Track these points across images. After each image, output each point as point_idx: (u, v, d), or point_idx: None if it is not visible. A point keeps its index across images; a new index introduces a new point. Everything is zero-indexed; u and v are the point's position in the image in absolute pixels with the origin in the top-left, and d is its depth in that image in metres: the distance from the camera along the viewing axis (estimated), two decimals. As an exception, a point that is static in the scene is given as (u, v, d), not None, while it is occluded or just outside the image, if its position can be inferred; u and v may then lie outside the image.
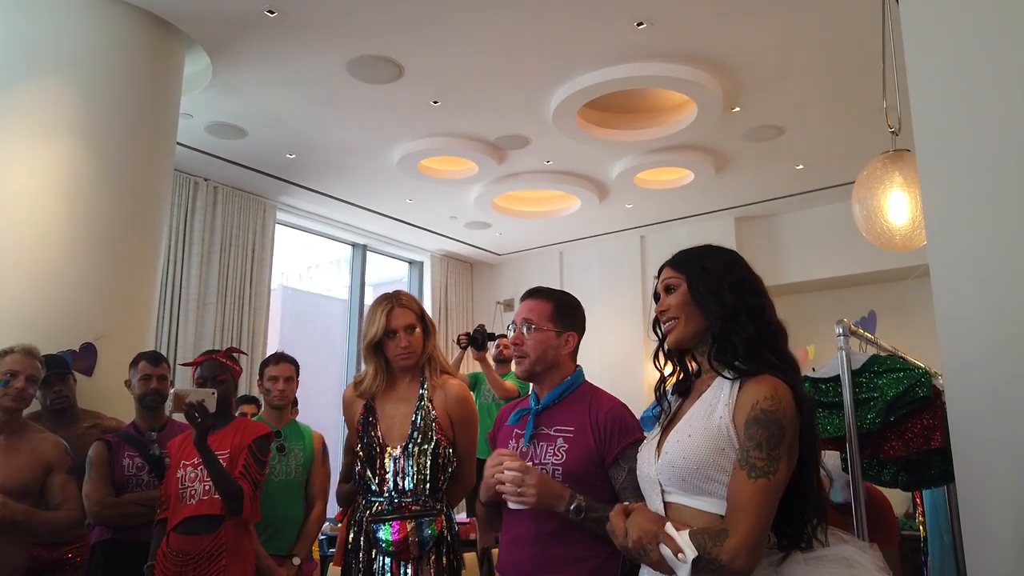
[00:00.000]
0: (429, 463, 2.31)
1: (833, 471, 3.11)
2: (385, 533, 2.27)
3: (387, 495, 2.32)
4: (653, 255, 7.89)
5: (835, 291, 7.33)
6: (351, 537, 2.36)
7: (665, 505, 1.50)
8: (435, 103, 5.15)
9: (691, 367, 1.66)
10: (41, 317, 3.44)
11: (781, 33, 4.32)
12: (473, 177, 6.37)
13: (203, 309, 6.16)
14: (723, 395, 1.49)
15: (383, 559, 2.28)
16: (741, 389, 1.47)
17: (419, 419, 2.36)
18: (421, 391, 2.40)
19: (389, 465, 2.33)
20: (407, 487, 2.31)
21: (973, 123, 1.99)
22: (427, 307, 8.22)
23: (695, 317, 1.57)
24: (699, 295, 1.57)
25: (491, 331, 4.83)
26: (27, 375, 2.68)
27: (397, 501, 2.30)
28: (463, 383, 2.54)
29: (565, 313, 2.12)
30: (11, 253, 3.49)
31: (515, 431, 2.08)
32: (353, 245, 8.14)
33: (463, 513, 5.37)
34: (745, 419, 1.42)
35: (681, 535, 1.38)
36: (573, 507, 1.80)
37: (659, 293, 1.66)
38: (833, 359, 2.48)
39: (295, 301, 9.93)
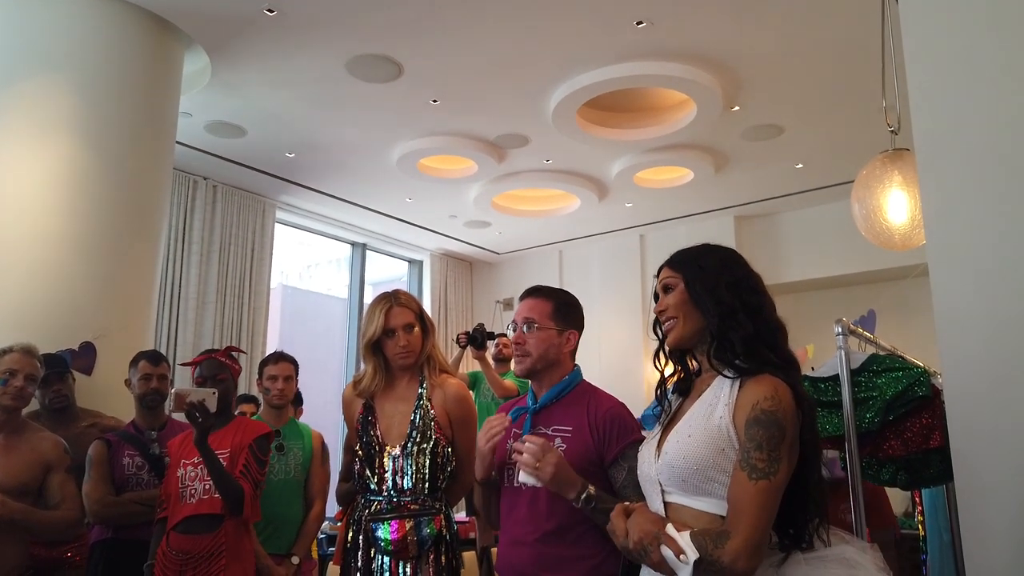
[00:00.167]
0: (428, 462, 2.31)
1: None
2: (384, 532, 2.27)
3: (386, 494, 2.32)
4: (652, 254, 7.89)
5: (834, 290, 7.33)
6: (350, 536, 2.36)
7: (665, 505, 1.50)
8: (434, 102, 5.14)
9: (692, 366, 1.66)
10: (40, 316, 3.44)
11: (781, 32, 4.31)
12: (472, 176, 6.37)
13: (202, 308, 6.16)
14: (723, 395, 1.48)
15: (382, 558, 2.28)
16: (741, 389, 1.46)
17: (418, 418, 2.36)
18: (420, 390, 2.40)
19: (388, 464, 2.33)
20: (406, 486, 2.31)
21: (972, 122, 1.99)
22: (426, 306, 8.23)
23: (693, 316, 1.57)
24: (696, 294, 1.57)
25: (490, 330, 4.83)
26: (26, 374, 2.68)
27: (396, 500, 2.30)
28: (462, 382, 2.54)
29: (566, 311, 2.12)
30: (10, 252, 3.49)
31: (513, 430, 2.08)
32: (353, 244, 8.14)
33: (462, 512, 5.37)
34: (745, 419, 1.42)
35: (682, 536, 1.37)
36: (584, 496, 1.77)
37: (658, 293, 1.66)
38: (832, 358, 2.49)
39: (295, 300, 9.93)
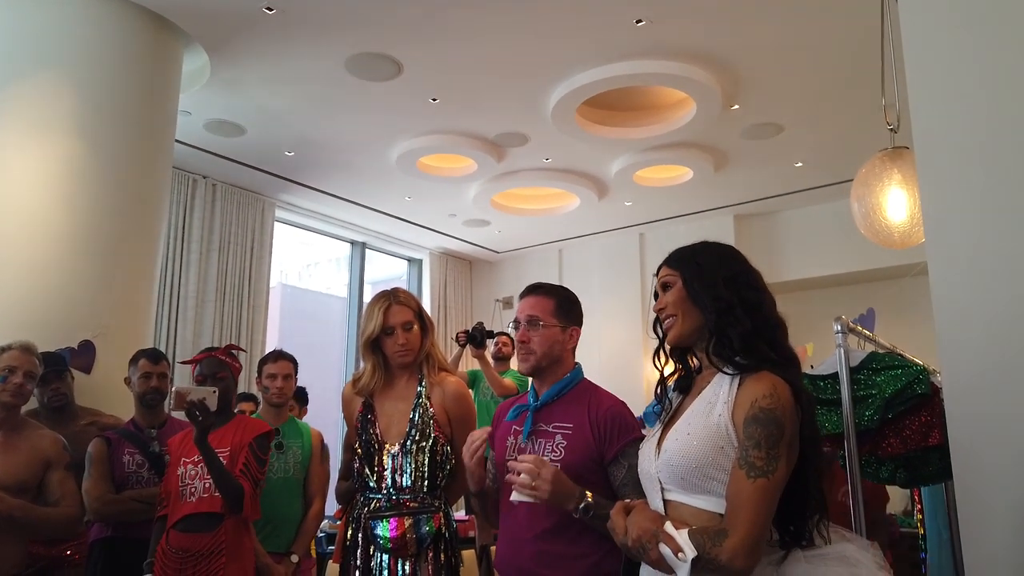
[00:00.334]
0: (427, 460, 2.31)
1: None
2: (383, 530, 2.28)
3: (385, 492, 2.32)
4: (652, 253, 7.89)
5: (834, 289, 7.33)
6: (349, 534, 2.37)
7: (665, 503, 1.50)
8: (434, 100, 5.14)
9: (692, 364, 1.66)
10: (39, 314, 3.44)
11: (780, 31, 4.31)
12: (472, 175, 6.36)
13: (202, 307, 6.15)
14: (722, 392, 1.48)
15: (381, 556, 2.28)
16: (740, 387, 1.46)
17: (417, 416, 2.36)
18: (419, 388, 2.40)
19: (387, 462, 2.33)
20: (405, 484, 2.31)
21: (972, 120, 1.99)
22: (426, 305, 8.22)
23: (692, 313, 1.57)
24: (694, 291, 1.57)
25: (490, 329, 4.83)
26: (25, 371, 2.68)
27: (395, 498, 2.31)
28: (461, 380, 2.54)
29: (568, 308, 2.12)
30: (9, 250, 3.49)
31: (513, 427, 2.08)
32: (352, 243, 8.14)
33: (461, 511, 5.37)
34: (744, 418, 1.41)
35: (680, 534, 1.37)
36: (583, 506, 1.77)
37: (658, 292, 1.66)
38: (831, 356, 2.48)
39: (294, 299, 9.93)
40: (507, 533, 2.04)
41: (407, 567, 2.26)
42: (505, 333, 5.55)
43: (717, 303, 1.53)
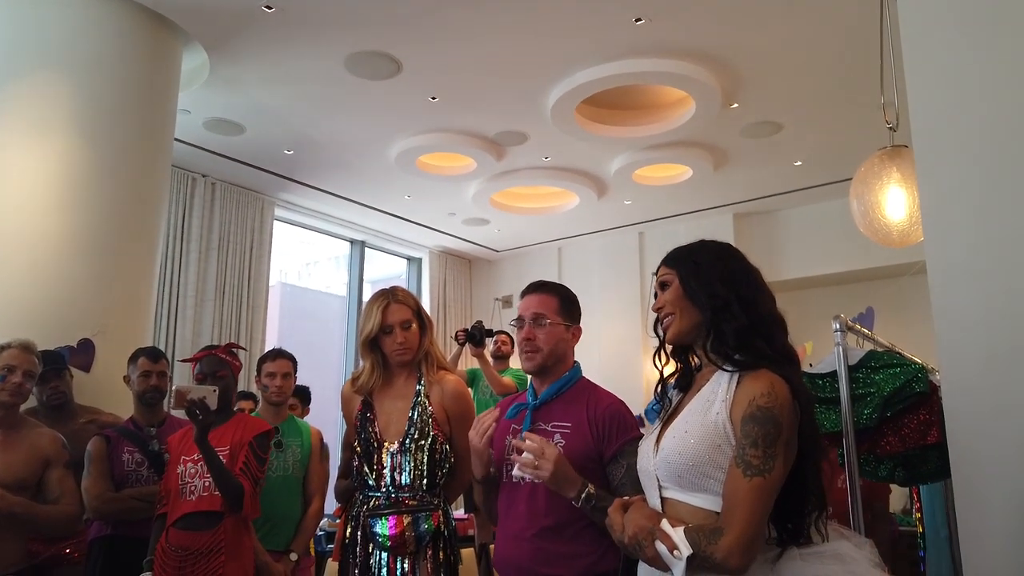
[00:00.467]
0: (426, 459, 2.31)
1: None
2: (382, 527, 2.28)
3: (384, 490, 2.32)
4: (651, 251, 7.89)
5: (833, 287, 7.34)
6: (348, 532, 2.37)
7: (662, 501, 1.50)
8: (433, 99, 5.14)
9: (693, 363, 1.66)
10: (38, 313, 3.44)
11: (779, 29, 4.31)
12: (471, 173, 6.36)
13: (201, 305, 6.15)
14: (720, 390, 1.48)
15: (380, 554, 2.28)
16: (739, 385, 1.46)
17: (416, 415, 2.36)
18: (418, 387, 2.40)
19: (387, 460, 2.33)
20: (404, 482, 2.31)
21: (970, 119, 1.99)
22: (425, 303, 8.22)
23: (689, 311, 1.58)
24: (691, 289, 1.57)
25: (489, 327, 4.83)
26: (24, 370, 2.68)
27: (394, 496, 2.31)
28: (460, 378, 2.54)
29: (570, 306, 2.15)
30: (8, 249, 3.49)
31: (512, 426, 2.09)
32: (351, 242, 8.14)
33: (460, 510, 5.37)
34: (742, 416, 1.42)
35: (676, 532, 1.38)
36: (584, 495, 1.79)
37: (657, 291, 1.67)
38: (830, 355, 2.48)
39: (293, 298, 9.93)
40: (506, 531, 2.04)
41: (406, 565, 2.26)
42: (504, 332, 5.55)
43: (713, 300, 1.54)
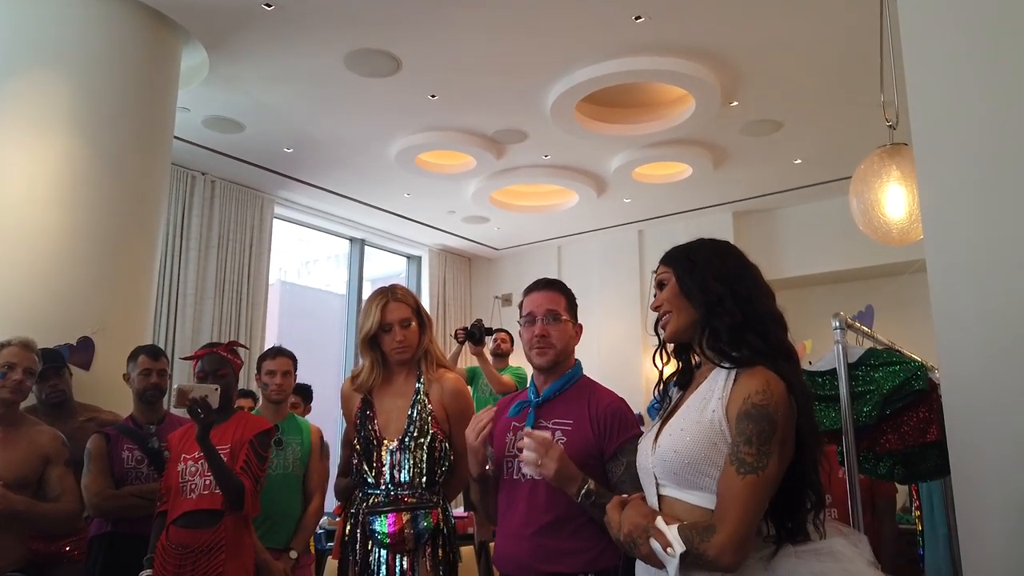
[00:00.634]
0: (425, 456, 2.32)
1: None
2: (381, 525, 2.28)
3: (383, 487, 2.32)
4: (651, 250, 7.89)
5: (832, 286, 7.34)
6: (348, 530, 2.37)
7: (660, 498, 1.50)
8: (433, 97, 5.14)
9: (694, 362, 1.66)
10: (38, 311, 3.44)
11: (779, 27, 4.31)
12: (471, 171, 6.36)
13: (201, 304, 6.15)
14: (717, 388, 1.48)
15: (379, 551, 2.28)
16: (735, 382, 1.46)
17: (415, 413, 2.36)
18: (417, 385, 2.41)
19: (386, 458, 2.33)
20: (403, 480, 2.31)
21: (970, 117, 1.99)
22: (425, 302, 8.22)
23: (686, 309, 1.58)
24: (686, 286, 1.58)
25: (489, 326, 4.83)
26: (24, 367, 2.68)
27: (393, 493, 2.31)
28: (459, 376, 2.54)
29: (575, 305, 2.19)
30: (8, 246, 3.49)
31: (512, 423, 2.09)
32: (351, 240, 8.14)
33: (460, 508, 5.38)
34: (736, 413, 1.42)
35: (670, 529, 1.38)
36: (584, 491, 1.81)
37: (656, 290, 1.67)
38: (830, 352, 2.48)
39: (293, 296, 9.92)
40: (506, 529, 2.04)
41: (405, 562, 2.27)
42: (504, 330, 5.55)
43: (706, 296, 1.54)
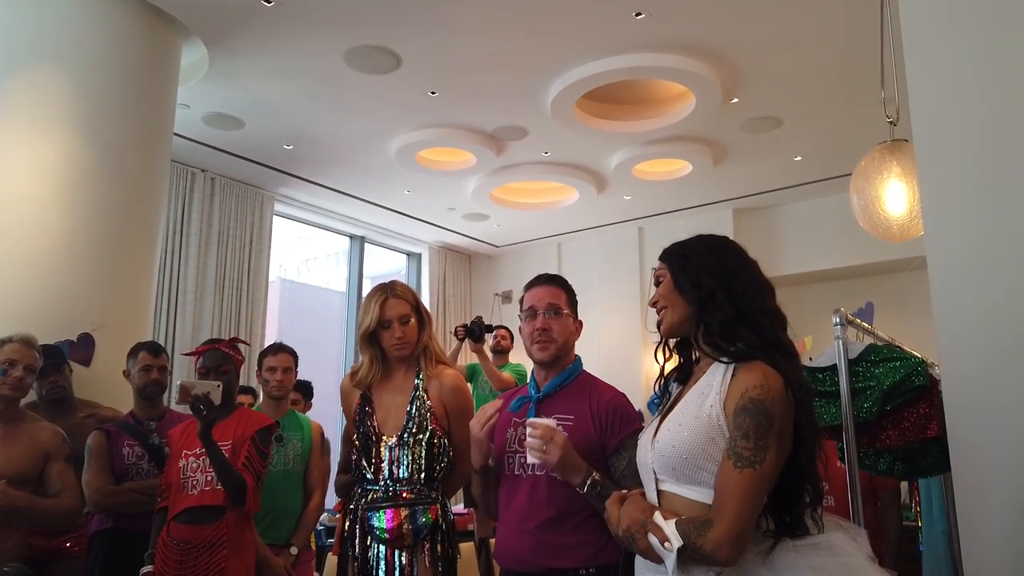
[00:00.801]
0: (424, 453, 2.32)
1: None
2: (379, 520, 2.28)
3: (382, 483, 2.32)
4: (651, 247, 7.88)
5: (833, 283, 7.33)
6: (347, 525, 2.37)
7: (659, 493, 1.51)
8: (433, 94, 5.13)
9: (694, 357, 1.67)
10: (38, 307, 3.43)
11: (780, 24, 4.30)
12: (471, 168, 6.35)
13: (201, 300, 6.15)
14: (715, 383, 1.49)
15: (378, 547, 2.29)
16: (733, 377, 1.47)
17: (414, 409, 2.36)
18: (417, 381, 2.41)
19: (384, 454, 2.33)
20: (402, 476, 2.32)
21: (971, 113, 1.99)
22: (425, 299, 8.21)
23: (680, 304, 1.59)
24: (680, 282, 1.59)
25: (488, 323, 4.83)
26: (25, 364, 2.68)
27: (392, 489, 2.31)
28: (458, 373, 2.54)
29: (574, 300, 2.20)
30: (8, 244, 3.49)
31: (513, 419, 2.09)
32: (351, 237, 8.13)
33: (460, 504, 5.38)
34: (734, 408, 1.42)
35: (668, 524, 1.39)
36: (589, 482, 1.83)
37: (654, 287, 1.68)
38: (830, 348, 2.48)
39: (293, 293, 9.92)
40: (507, 524, 2.05)
41: (403, 558, 2.27)
42: (504, 327, 5.54)
43: (698, 291, 1.55)
